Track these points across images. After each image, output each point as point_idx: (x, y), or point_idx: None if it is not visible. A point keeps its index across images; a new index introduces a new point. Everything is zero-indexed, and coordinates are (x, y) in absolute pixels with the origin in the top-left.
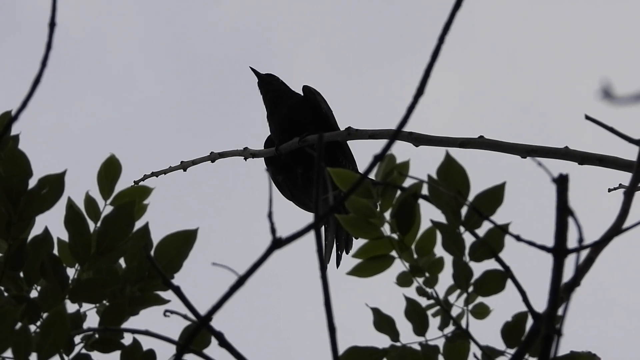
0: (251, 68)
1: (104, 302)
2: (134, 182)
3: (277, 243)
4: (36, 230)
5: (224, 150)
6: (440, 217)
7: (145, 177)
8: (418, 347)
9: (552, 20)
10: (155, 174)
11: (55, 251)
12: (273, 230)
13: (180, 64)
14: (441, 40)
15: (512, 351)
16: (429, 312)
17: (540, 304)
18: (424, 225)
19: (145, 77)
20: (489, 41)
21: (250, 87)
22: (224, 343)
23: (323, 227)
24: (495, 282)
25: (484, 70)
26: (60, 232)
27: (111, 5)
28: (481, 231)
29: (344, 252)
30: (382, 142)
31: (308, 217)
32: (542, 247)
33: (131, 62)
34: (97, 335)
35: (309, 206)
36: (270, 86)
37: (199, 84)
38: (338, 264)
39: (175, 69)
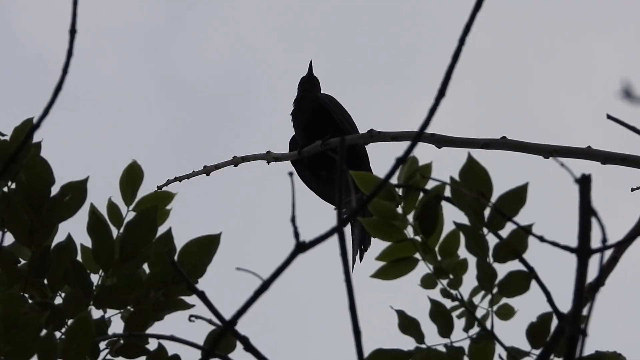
0: (310, 62)
1: (129, 307)
2: (157, 187)
3: (301, 247)
4: (59, 237)
5: (247, 155)
6: (463, 219)
7: (169, 182)
8: (443, 349)
9: (573, 20)
10: (178, 179)
11: (79, 258)
12: (296, 234)
13: (197, 78)
14: (462, 41)
15: (537, 352)
16: (454, 314)
17: (564, 304)
18: (447, 227)
19: (164, 89)
20: (509, 41)
21: (272, 95)
22: (249, 347)
23: (349, 225)
24: (519, 283)
25: (504, 71)
26: (83, 239)
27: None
28: (504, 232)
29: (365, 249)
30: (405, 145)
31: (332, 219)
32: (566, 248)
33: (150, 77)
34: (122, 341)
35: (334, 201)
36: (307, 85)
37: (219, 93)
38: (361, 259)
39: (192, 84)
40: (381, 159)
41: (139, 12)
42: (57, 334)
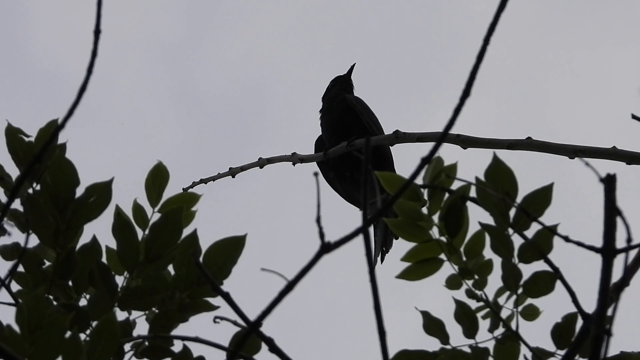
0: (353, 65)
1: (153, 309)
2: (183, 189)
3: (326, 247)
4: (84, 239)
5: (272, 156)
6: (489, 220)
7: (194, 184)
8: (468, 350)
9: (597, 19)
10: (203, 181)
11: (104, 259)
12: (321, 235)
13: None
14: (486, 41)
15: (562, 352)
16: (479, 315)
17: (589, 305)
18: (472, 227)
19: (187, 99)
20: (532, 42)
21: (293, 103)
22: (274, 348)
23: (372, 226)
24: (544, 283)
25: (527, 72)
26: (108, 240)
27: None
28: (530, 232)
29: (386, 251)
30: (430, 145)
31: (356, 219)
32: (591, 248)
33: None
34: (147, 343)
35: (360, 202)
36: (343, 85)
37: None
38: (382, 260)
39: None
40: (406, 160)
41: (161, 25)
42: (82, 336)
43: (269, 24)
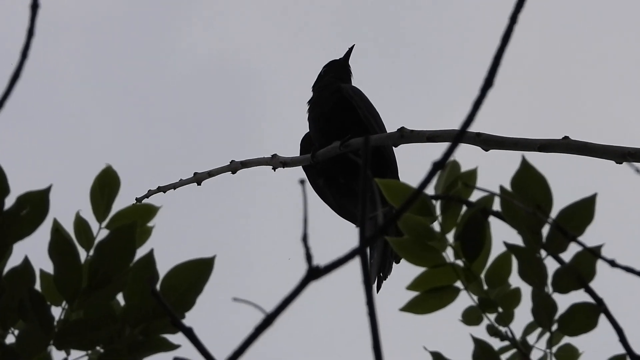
0: (352, 48)
1: (98, 348)
2: (136, 199)
3: (314, 273)
4: (14, 261)
5: (248, 159)
6: (517, 239)
7: (150, 193)
8: None
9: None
10: (162, 190)
11: (37, 286)
12: (309, 257)
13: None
14: (513, 19)
15: None
16: (503, 357)
17: None
18: (496, 249)
19: (143, 90)
20: (567, 25)
21: (275, 94)
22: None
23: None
24: (584, 318)
25: (560, 63)
26: (43, 263)
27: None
28: (567, 255)
29: (384, 277)
30: (443, 146)
31: (352, 237)
32: None
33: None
34: None
35: (356, 217)
36: (337, 73)
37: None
38: (379, 289)
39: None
40: (414, 165)
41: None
42: None
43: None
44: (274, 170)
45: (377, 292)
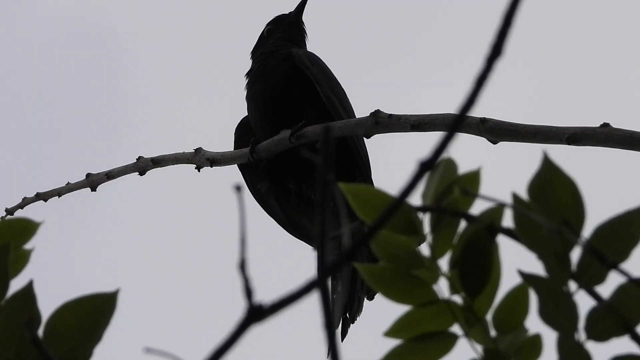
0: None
1: None
2: (6, 210)
3: (256, 313)
4: None
5: (162, 154)
6: (536, 266)
7: (26, 202)
8: None
9: None
10: (42, 197)
11: None
12: (248, 292)
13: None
14: None
15: None
16: None
17: None
18: (508, 280)
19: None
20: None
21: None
22: None
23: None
24: None
25: (592, 32)
26: None
27: None
28: (606, 288)
29: (352, 319)
30: (434, 137)
31: (306, 264)
32: None
33: None
34: None
35: (310, 236)
36: (286, 33)
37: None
38: (344, 335)
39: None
40: (392, 164)
41: None
42: None
43: None
44: (198, 171)
45: (342, 339)
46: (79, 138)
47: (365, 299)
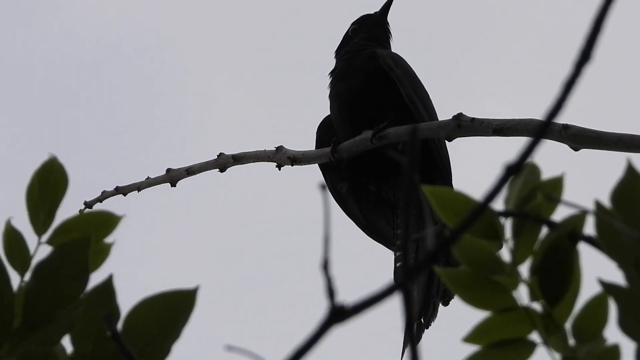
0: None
1: None
2: (85, 203)
3: (338, 314)
4: None
5: (243, 152)
6: (617, 275)
7: (105, 196)
8: None
9: None
10: (121, 191)
11: None
12: (330, 293)
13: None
14: None
15: None
16: None
17: None
18: (588, 288)
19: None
20: None
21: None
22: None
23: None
24: None
25: None
26: None
27: None
28: None
29: (427, 323)
30: (517, 143)
31: (386, 267)
32: None
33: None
34: None
35: (387, 238)
36: (371, 33)
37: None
38: (420, 337)
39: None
40: (469, 167)
41: None
42: None
43: None
44: (279, 169)
45: (418, 342)
46: (158, 134)
47: (440, 304)
